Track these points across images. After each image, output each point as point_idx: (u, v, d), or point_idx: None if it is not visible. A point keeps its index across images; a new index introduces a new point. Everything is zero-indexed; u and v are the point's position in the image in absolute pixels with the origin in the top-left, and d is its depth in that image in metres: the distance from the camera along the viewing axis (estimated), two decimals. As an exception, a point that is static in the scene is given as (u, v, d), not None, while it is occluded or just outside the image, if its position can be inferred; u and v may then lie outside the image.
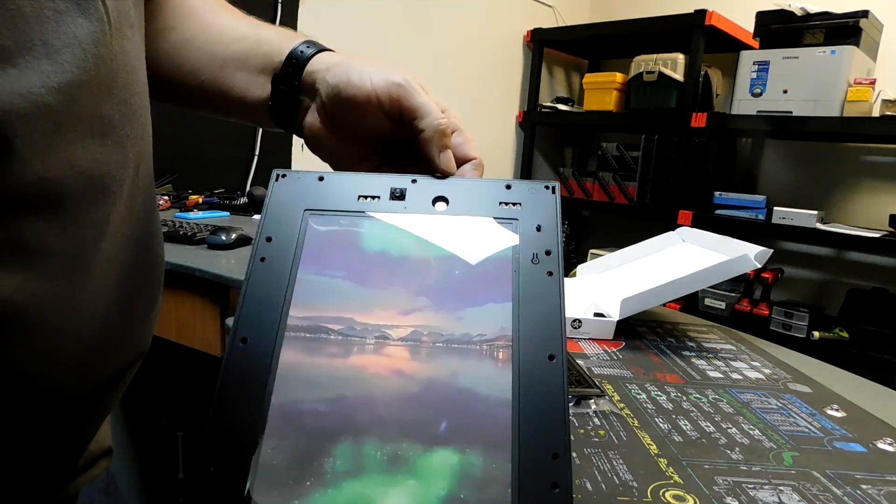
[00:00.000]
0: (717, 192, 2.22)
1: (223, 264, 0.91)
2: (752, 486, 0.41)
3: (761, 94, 2.06)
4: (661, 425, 0.50)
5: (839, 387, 0.62)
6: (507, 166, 2.80)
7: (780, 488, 0.41)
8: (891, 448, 0.48)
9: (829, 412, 0.55)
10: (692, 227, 1.09)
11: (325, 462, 0.27)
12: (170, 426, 1.36)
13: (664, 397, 0.56)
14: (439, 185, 0.37)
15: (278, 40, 0.43)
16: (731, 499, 0.39)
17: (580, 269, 0.95)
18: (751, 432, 0.49)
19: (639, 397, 0.55)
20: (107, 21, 0.29)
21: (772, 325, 2.07)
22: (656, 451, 0.45)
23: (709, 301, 2.22)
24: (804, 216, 1.98)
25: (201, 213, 1.38)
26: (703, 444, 0.47)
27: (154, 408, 1.35)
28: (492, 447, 0.27)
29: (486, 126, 2.67)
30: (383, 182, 0.37)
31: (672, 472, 0.42)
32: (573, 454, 0.43)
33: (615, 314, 0.73)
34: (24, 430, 0.32)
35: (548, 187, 0.36)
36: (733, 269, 0.71)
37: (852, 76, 1.91)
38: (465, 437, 0.28)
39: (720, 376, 0.63)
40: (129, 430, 1.31)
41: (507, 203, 0.36)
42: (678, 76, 2.27)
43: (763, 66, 2.05)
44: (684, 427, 0.50)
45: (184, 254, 0.95)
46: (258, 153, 1.86)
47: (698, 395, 0.57)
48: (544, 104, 2.74)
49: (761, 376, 0.64)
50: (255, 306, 0.32)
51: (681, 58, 2.27)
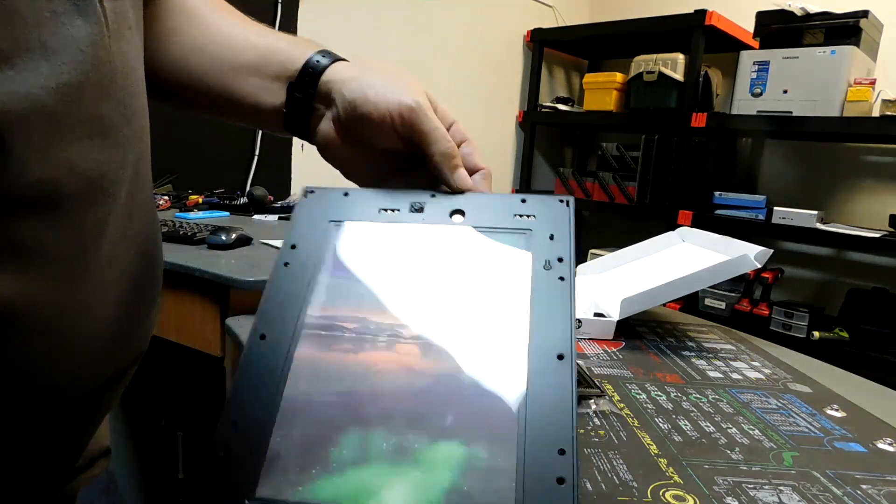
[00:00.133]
0: (717, 192, 2.22)
1: (223, 264, 0.90)
2: (752, 486, 0.41)
3: (761, 94, 2.06)
4: (661, 425, 0.50)
5: (839, 387, 0.62)
6: (507, 166, 2.80)
7: (780, 488, 0.41)
8: (891, 448, 0.48)
9: (829, 412, 0.55)
10: (692, 227, 1.09)
11: (331, 451, 0.28)
12: (170, 426, 1.36)
13: (664, 397, 0.56)
14: (457, 199, 0.39)
15: (292, 49, 0.44)
16: (731, 499, 0.39)
17: (580, 269, 0.95)
18: (751, 432, 0.49)
19: (639, 397, 0.55)
20: (105, 23, 0.29)
21: (772, 325, 2.07)
22: (656, 451, 0.45)
23: (709, 301, 2.22)
24: (804, 216, 1.98)
25: (201, 213, 1.38)
26: (703, 444, 0.47)
27: (154, 408, 1.35)
28: (498, 441, 0.28)
29: (486, 126, 2.66)
30: (404, 197, 0.39)
31: (672, 472, 0.42)
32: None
33: (615, 314, 0.73)
34: (24, 431, 0.32)
35: (562, 201, 0.38)
36: (733, 269, 0.71)
37: (852, 76, 1.91)
38: (471, 431, 0.28)
39: (720, 376, 0.63)
40: (129, 430, 1.31)
41: (521, 215, 0.37)
42: (678, 76, 2.27)
43: (763, 66, 2.05)
44: (684, 427, 0.50)
45: (184, 254, 0.95)
46: (258, 153, 1.86)
47: (698, 395, 0.57)
48: (544, 104, 2.74)
49: (761, 376, 0.64)
50: (276, 306, 0.34)
51: (681, 58, 2.27)
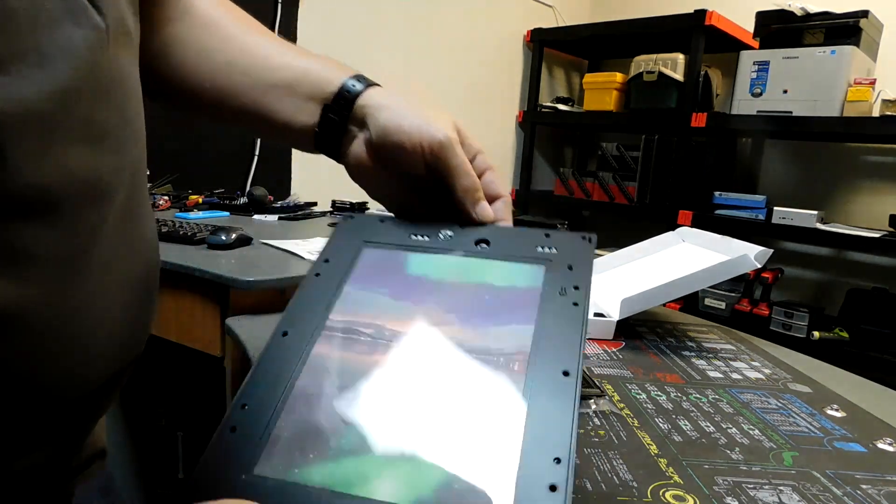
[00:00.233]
0: (717, 192, 2.22)
1: (223, 264, 0.90)
2: (752, 486, 0.41)
3: (761, 94, 2.06)
4: (661, 425, 0.50)
5: (839, 387, 0.62)
6: (507, 166, 2.80)
7: (780, 488, 0.41)
8: (891, 448, 0.48)
9: (829, 412, 0.55)
10: (692, 227, 1.09)
11: (330, 440, 0.29)
12: (170, 426, 1.36)
13: (664, 397, 0.56)
14: (484, 230, 0.41)
15: (326, 71, 0.45)
16: (731, 499, 0.39)
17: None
18: (751, 432, 0.49)
19: (639, 397, 0.55)
20: (101, 29, 0.29)
21: (772, 325, 2.07)
22: (656, 451, 0.45)
23: (709, 301, 2.22)
24: (804, 216, 1.98)
25: (201, 213, 1.38)
26: (703, 444, 0.47)
27: (154, 408, 1.35)
28: (494, 445, 0.28)
29: (486, 126, 2.66)
30: (434, 225, 0.42)
31: (672, 472, 0.42)
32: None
33: (615, 314, 0.73)
34: (23, 431, 0.32)
35: (584, 237, 0.39)
36: (733, 269, 0.71)
37: (852, 76, 1.91)
38: (470, 434, 0.29)
39: (720, 376, 0.63)
40: (129, 430, 1.31)
41: (544, 247, 0.39)
42: (678, 76, 2.27)
43: (763, 66, 2.05)
44: (684, 427, 0.50)
45: (184, 254, 0.95)
46: (258, 153, 1.86)
47: (698, 395, 0.57)
48: (544, 104, 2.74)
49: (761, 376, 0.64)
50: (301, 309, 0.36)
51: (681, 58, 2.27)
